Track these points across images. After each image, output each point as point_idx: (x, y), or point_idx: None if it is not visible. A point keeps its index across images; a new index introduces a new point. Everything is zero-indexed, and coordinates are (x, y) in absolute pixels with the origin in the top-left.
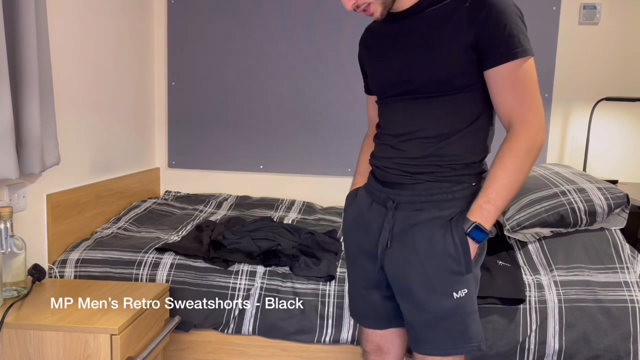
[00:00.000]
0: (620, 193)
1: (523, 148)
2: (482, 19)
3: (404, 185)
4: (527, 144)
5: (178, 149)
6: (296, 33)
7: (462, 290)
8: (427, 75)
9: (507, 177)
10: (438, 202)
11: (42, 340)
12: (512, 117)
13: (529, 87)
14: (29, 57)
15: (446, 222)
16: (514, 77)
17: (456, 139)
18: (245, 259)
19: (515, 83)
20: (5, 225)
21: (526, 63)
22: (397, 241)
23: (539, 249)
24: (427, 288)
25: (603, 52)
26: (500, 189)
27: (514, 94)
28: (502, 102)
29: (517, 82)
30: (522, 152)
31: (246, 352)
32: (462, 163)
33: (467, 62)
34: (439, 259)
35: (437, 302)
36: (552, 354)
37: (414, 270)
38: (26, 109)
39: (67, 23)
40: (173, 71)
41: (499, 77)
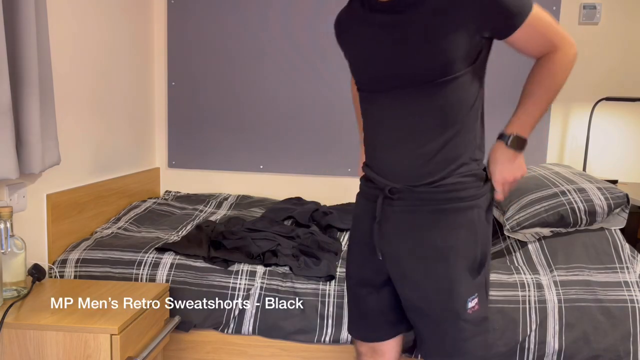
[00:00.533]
0: (620, 193)
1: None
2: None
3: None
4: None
5: (178, 149)
6: (296, 33)
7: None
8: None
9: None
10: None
11: (42, 340)
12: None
13: (547, 29)
14: (29, 57)
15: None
16: (533, 30)
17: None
18: (245, 259)
19: (537, 33)
20: (5, 225)
21: (532, 14)
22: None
23: (538, 249)
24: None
25: (603, 52)
26: (538, 101)
27: (540, 40)
28: (531, 50)
29: (538, 31)
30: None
31: (246, 352)
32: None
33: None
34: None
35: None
36: (552, 353)
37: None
38: (26, 109)
39: (67, 23)
40: (173, 71)
41: (520, 38)
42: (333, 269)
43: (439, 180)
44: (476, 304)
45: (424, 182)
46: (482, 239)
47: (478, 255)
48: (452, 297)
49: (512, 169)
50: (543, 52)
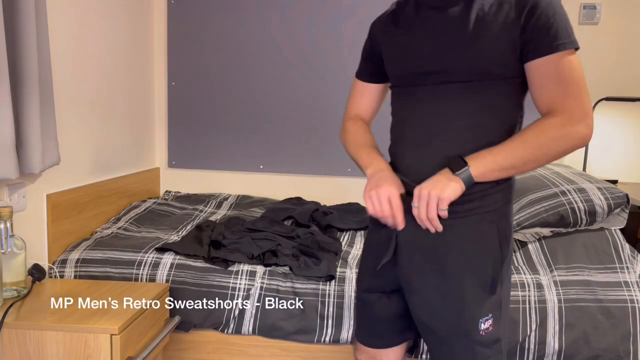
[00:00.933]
0: (620, 193)
1: (554, 129)
2: (530, 10)
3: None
4: (560, 127)
5: (178, 149)
6: (296, 33)
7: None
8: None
9: (523, 144)
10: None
11: (42, 340)
12: (553, 106)
13: (575, 80)
14: (29, 57)
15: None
16: (559, 68)
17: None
18: (245, 259)
19: (560, 74)
20: (5, 225)
21: (572, 55)
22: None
23: (538, 249)
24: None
25: (603, 52)
26: (509, 148)
27: (558, 86)
28: (543, 94)
29: (562, 73)
30: (552, 132)
31: (246, 352)
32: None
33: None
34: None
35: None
36: (552, 353)
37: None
38: (26, 109)
39: (67, 23)
40: (173, 71)
41: (544, 68)
42: (333, 269)
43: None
44: (490, 325)
45: None
46: (493, 254)
47: (490, 271)
48: (464, 317)
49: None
50: (550, 105)
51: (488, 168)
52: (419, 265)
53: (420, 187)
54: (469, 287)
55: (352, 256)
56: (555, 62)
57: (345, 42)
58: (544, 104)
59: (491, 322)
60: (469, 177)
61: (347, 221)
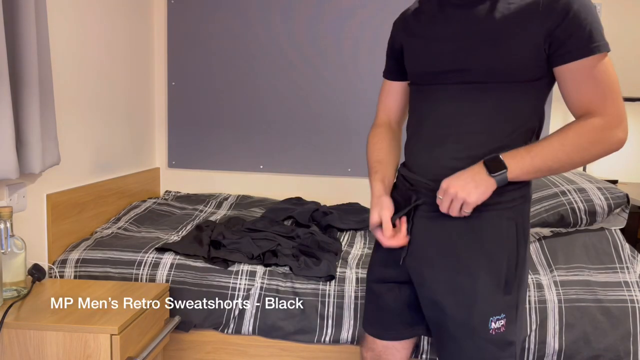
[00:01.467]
0: (620, 193)
1: (593, 131)
2: (560, 12)
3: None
4: (599, 131)
5: (178, 149)
6: (297, 33)
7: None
8: (488, 63)
9: (562, 145)
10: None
11: (42, 340)
12: (591, 109)
13: (611, 83)
14: (29, 57)
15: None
16: (596, 71)
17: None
18: (245, 259)
19: (597, 77)
20: (5, 225)
21: (607, 58)
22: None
23: (538, 249)
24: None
25: None
26: (547, 150)
27: (595, 89)
28: (579, 98)
29: (598, 76)
30: (591, 134)
31: (246, 352)
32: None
33: (533, 56)
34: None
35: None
36: (552, 353)
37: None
38: (26, 109)
39: (67, 23)
40: (173, 71)
41: (579, 71)
42: (333, 269)
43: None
44: (502, 325)
45: None
46: (509, 252)
47: (504, 269)
48: (472, 312)
49: (465, 185)
50: (587, 108)
51: (525, 170)
52: (431, 257)
53: (449, 183)
54: (481, 283)
55: (352, 256)
56: (591, 65)
57: (346, 42)
58: (579, 106)
59: (504, 323)
60: (504, 180)
61: (347, 221)
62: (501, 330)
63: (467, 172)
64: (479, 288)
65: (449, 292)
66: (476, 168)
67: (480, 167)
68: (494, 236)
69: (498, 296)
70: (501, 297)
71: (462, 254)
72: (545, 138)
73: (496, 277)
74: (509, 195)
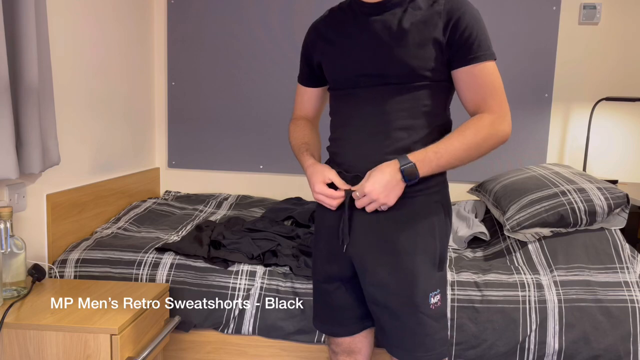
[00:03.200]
0: (620, 193)
1: (486, 127)
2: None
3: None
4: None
5: (178, 149)
6: (296, 32)
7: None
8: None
9: (462, 144)
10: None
11: (42, 340)
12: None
13: (495, 86)
14: (28, 57)
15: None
16: (482, 76)
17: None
18: (245, 259)
19: (483, 82)
20: (5, 225)
21: (492, 64)
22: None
23: (538, 249)
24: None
25: (603, 52)
26: (450, 149)
27: (482, 90)
28: (470, 97)
29: (484, 81)
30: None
31: (246, 352)
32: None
33: (439, 58)
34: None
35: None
36: (552, 353)
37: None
38: (26, 109)
39: (67, 23)
40: (173, 71)
41: (467, 76)
42: None
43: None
44: (438, 300)
45: None
46: (441, 233)
47: (438, 248)
48: (414, 290)
49: (386, 192)
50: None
51: (431, 170)
52: (371, 243)
53: (371, 189)
54: (419, 263)
55: None
56: (478, 71)
57: None
58: (471, 105)
59: (439, 298)
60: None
61: None
62: (438, 304)
63: (385, 176)
64: (418, 267)
65: (390, 273)
66: (394, 174)
67: (397, 174)
68: (426, 218)
69: (434, 272)
70: (436, 273)
71: (399, 237)
72: (448, 138)
73: (432, 255)
74: (434, 180)
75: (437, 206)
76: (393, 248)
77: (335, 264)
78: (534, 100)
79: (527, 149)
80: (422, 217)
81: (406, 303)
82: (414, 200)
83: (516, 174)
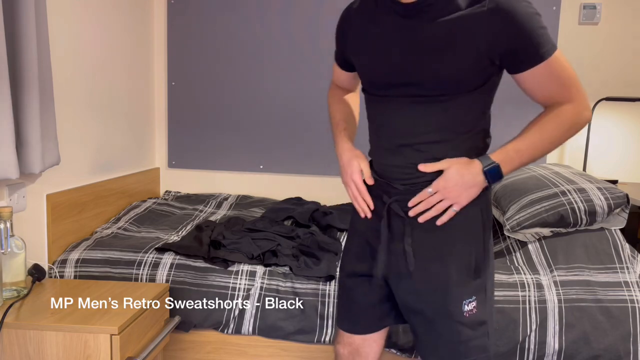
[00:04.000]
0: (620, 193)
1: (570, 119)
2: (506, 24)
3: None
4: (574, 117)
5: (178, 149)
6: (297, 33)
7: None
8: (436, 77)
9: (543, 139)
10: None
11: (42, 340)
12: (558, 100)
13: (569, 74)
14: (28, 57)
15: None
16: (552, 71)
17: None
18: (245, 259)
19: (555, 75)
20: (5, 225)
21: (558, 53)
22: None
23: (538, 249)
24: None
25: (603, 52)
26: (531, 146)
27: (556, 85)
28: (543, 94)
29: (555, 74)
30: (568, 122)
31: (246, 352)
32: None
33: (477, 67)
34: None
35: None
36: (552, 353)
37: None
38: (26, 109)
39: (67, 23)
40: (173, 71)
41: (536, 75)
42: (333, 269)
43: None
44: (474, 307)
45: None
46: (476, 238)
47: (473, 254)
48: (447, 298)
49: (459, 191)
50: (555, 100)
51: (512, 169)
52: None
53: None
54: (453, 270)
55: None
56: (546, 68)
57: None
58: (545, 100)
59: (475, 305)
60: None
61: (347, 221)
62: (473, 312)
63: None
64: (451, 274)
65: (424, 280)
66: (476, 175)
67: (480, 175)
68: (462, 224)
69: (468, 280)
70: (471, 280)
71: (434, 243)
72: (528, 133)
73: (466, 262)
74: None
75: (475, 210)
76: (426, 254)
77: (365, 263)
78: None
79: None
80: (458, 222)
81: (439, 311)
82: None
83: (516, 174)
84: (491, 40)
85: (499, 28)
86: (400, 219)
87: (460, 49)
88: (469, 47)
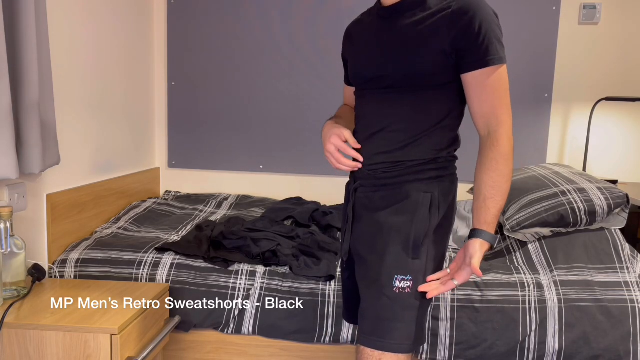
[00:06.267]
0: (620, 193)
1: (508, 151)
2: (463, 25)
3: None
4: (509, 146)
5: (178, 149)
6: (297, 33)
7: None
8: (402, 71)
9: (507, 181)
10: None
11: (42, 340)
12: (490, 119)
13: (505, 93)
14: (29, 57)
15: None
16: (492, 82)
17: (425, 139)
18: (245, 259)
19: (493, 87)
20: (5, 225)
21: (502, 70)
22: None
23: (538, 249)
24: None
25: (603, 52)
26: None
27: (491, 97)
28: (478, 105)
29: (494, 86)
30: (509, 154)
31: (246, 352)
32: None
33: (441, 63)
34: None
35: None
36: (552, 353)
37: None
38: (26, 109)
39: (67, 23)
40: (173, 71)
41: (476, 81)
42: (333, 269)
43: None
44: (408, 287)
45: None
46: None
47: (412, 232)
48: (381, 269)
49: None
50: (489, 115)
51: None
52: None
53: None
54: (391, 242)
55: None
56: (487, 75)
57: None
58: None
59: (410, 285)
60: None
61: None
62: (405, 291)
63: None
64: (389, 247)
65: (370, 250)
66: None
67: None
68: (409, 203)
69: (405, 257)
70: (408, 258)
71: (380, 217)
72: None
73: (404, 237)
74: (425, 174)
75: (424, 195)
76: (375, 225)
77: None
78: (533, 100)
79: (527, 149)
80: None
81: (375, 280)
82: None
83: (516, 174)
84: (452, 38)
85: (459, 26)
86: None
87: (427, 45)
88: (434, 45)
